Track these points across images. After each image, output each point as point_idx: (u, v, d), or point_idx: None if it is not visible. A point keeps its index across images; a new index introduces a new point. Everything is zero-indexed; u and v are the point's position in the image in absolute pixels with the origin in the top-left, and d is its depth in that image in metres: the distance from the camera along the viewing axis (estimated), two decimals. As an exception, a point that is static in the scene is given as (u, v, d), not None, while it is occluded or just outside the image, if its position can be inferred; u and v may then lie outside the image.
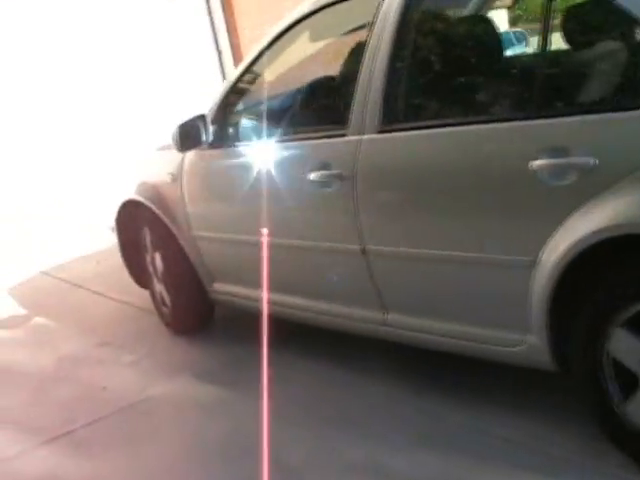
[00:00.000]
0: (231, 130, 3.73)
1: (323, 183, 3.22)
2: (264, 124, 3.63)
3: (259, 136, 3.61)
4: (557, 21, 2.73)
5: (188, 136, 3.71)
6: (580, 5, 3.05)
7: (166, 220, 4.18)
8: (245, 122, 3.71)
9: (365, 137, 3.06)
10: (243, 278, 3.88)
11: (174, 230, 4.17)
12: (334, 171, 3.16)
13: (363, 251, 3.14)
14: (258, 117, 3.74)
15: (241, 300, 3.97)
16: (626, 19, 2.48)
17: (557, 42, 2.84)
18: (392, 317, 3.19)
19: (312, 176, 3.24)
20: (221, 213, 3.86)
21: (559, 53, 2.92)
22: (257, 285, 3.68)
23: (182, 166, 4.01)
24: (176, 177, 4.06)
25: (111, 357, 4.37)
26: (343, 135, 3.16)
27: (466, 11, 3.60)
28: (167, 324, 4.57)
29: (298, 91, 3.85)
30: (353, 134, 3.11)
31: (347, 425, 3.16)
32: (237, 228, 3.75)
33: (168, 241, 4.24)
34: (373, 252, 3.11)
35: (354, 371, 3.58)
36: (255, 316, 3.68)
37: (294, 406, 3.33)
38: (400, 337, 3.22)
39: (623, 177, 2.31)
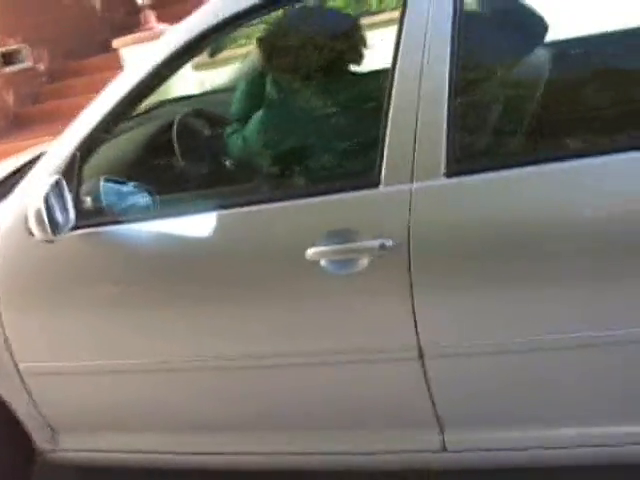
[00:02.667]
0: (109, 198, 2.36)
1: (338, 262, 2.12)
2: (179, 178, 2.42)
3: (169, 204, 2.37)
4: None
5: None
6: None
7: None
8: (139, 183, 2.38)
9: (419, 185, 2.04)
10: (147, 422, 2.55)
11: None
12: (366, 241, 2.08)
13: (421, 353, 2.12)
14: (165, 168, 2.49)
15: (132, 455, 2.61)
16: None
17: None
18: (458, 437, 2.21)
19: (313, 253, 2.12)
20: (99, 329, 2.46)
21: None
22: (191, 427, 2.46)
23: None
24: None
25: None
26: (373, 186, 2.09)
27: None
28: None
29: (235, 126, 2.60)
30: (394, 183, 2.06)
31: None
32: (147, 349, 2.42)
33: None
34: (442, 353, 2.11)
35: None
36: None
37: None
38: (472, 461, 2.25)
39: None
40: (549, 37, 2.55)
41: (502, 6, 2.55)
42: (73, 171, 2.39)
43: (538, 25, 2.49)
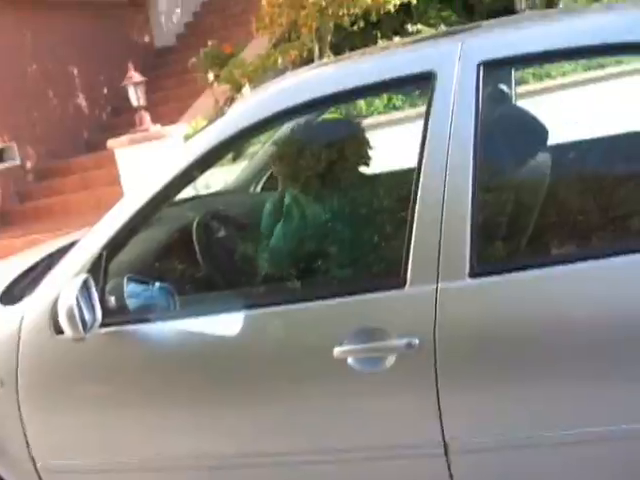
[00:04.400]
0: (132, 297, 2.42)
1: (366, 360, 2.18)
2: (201, 278, 2.50)
3: (191, 303, 2.45)
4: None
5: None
6: None
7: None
8: (161, 282, 2.45)
9: (444, 285, 2.12)
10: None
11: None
12: (393, 340, 2.14)
13: (445, 449, 2.16)
14: (186, 268, 2.56)
15: None
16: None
17: None
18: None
19: (340, 351, 2.18)
20: (125, 428, 2.48)
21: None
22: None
23: (18, 362, 2.53)
24: (5, 381, 2.55)
25: None
26: (398, 287, 2.17)
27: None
28: None
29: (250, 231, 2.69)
30: (420, 283, 2.14)
31: None
32: (181, 446, 2.43)
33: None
34: (466, 448, 2.16)
35: None
36: None
37: None
38: None
39: None
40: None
41: (511, 113, 2.69)
42: (99, 270, 2.44)
43: (541, 130, 2.63)
